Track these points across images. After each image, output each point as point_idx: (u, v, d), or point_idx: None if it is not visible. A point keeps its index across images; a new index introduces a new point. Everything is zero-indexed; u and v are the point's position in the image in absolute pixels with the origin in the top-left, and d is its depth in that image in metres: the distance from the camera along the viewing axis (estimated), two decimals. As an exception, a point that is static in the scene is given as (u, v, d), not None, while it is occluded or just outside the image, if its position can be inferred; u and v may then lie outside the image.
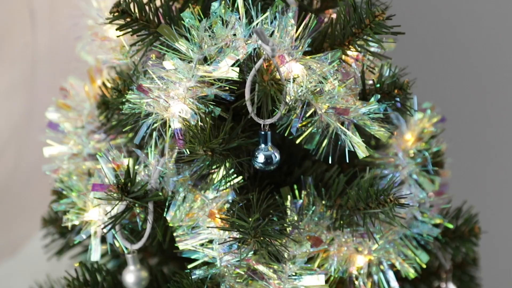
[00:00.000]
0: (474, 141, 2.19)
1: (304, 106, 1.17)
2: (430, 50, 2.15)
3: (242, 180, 1.22)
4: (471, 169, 2.16)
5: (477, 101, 2.17)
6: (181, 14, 1.17)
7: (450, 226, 1.33)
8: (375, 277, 1.27)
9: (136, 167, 1.22)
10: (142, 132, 1.19)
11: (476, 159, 2.20)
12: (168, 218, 1.21)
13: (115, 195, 1.18)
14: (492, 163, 2.23)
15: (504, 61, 2.13)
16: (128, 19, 1.20)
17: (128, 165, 1.20)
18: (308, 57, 1.15)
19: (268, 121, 1.17)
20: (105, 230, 1.22)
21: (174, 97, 1.15)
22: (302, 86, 1.14)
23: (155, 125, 1.17)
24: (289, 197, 1.23)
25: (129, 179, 1.18)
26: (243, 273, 1.21)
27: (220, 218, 1.20)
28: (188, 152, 1.17)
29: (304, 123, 1.18)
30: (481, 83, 2.17)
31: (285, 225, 1.20)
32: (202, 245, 1.21)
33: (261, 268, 1.21)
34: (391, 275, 1.28)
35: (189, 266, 1.23)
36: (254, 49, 1.16)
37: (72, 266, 1.34)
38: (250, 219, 1.14)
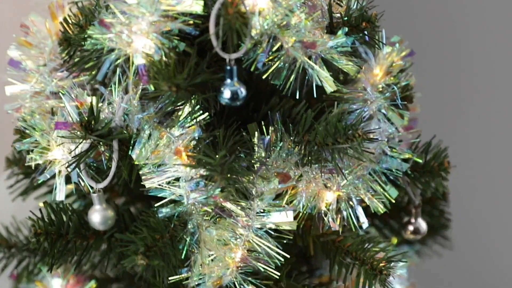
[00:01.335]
0: (443, 74, 2.18)
1: (270, 40, 1.15)
2: None
3: (209, 117, 1.20)
4: (440, 103, 2.15)
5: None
6: None
7: (420, 160, 1.32)
8: (344, 213, 1.27)
9: (100, 104, 1.20)
10: (105, 69, 1.17)
11: (444, 93, 2.20)
12: (134, 156, 1.19)
13: (78, 133, 1.16)
14: (461, 97, 2.22)
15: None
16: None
17: (91, 103, 1.18)
18: (274, -11, 1.13)
19: (234, 56, 1.14)
20: (69, 169, 1.21)
21: (137, 32, 1.13)
22: (268, 20, 1.12)
23: (118, 61, 1.15)
24: (256, 133, 1.22)
25: (92, 117, 1.16)
26: (210, 210, 1.20)
27: (187, 155, 1.18)
28: (153, 89, 1.15)
29: (270, 58, 1.16)
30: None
31: (252, 161, 1.19)
32: (168, 183, 1.20)
33: (228, 205, 1.20)
34: (360, 211, 1.28)
35: (156, 205, 1.21)
36: (219, -19, 1.13)
37: (38, 207, 1.33)
38: (216, 156, 1.12)
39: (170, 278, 1.23)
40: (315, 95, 1.19)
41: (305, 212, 1.25)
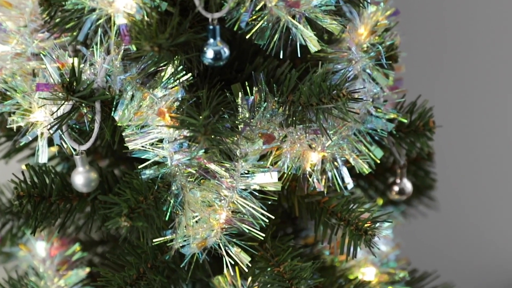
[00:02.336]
0: (428, 33, 2.17)
1: (254, -1, 1.14)
2: None
3: (192, 77, 1.19)
4: (425, 62, 2.14)
5: None
6: None
7: (404, 120, 1.31)
8: (329, 174, 1.26)
9: (82, 65, 1.18)
10: (86, 29, 1.15)
11: (429, 52, 2.19)
12: (116, 117, 1.18)
13: (60, 94, 1.15)
14: (446, 56, 2.22)
15: None
16: None
17: (73, 64, 1.16)
18: None
19: (217, 15, 1.13)
20: (51, 131, 1.19)
21: (118, -9, 1.11)
22: (250, -22, 1.11)
23: (100, 21, 1.14)
24: (240, 94, 1.21)
25: (74, 78, 1.15)
26: (194, 172, 1.20)
27: (170, 116, 1.17)
28: (135, 49, 1.13)
29: (253, 17, 1.15)
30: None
31: (236, 122, 1.18)
32: (152, 144, 1.19)
33: (212, 166, 1.20)
34: (345, 171, 1.27)
35: (140, 167, 1.20)
36: None
37: (20, 169, 1.32)
38: (200, 117, 1.11)
39: (154, 240, 1.23)
40: (299, 55, 1.18)
41: (289, 173, 1.24)
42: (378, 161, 1.28)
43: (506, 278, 2.46)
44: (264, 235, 1.23)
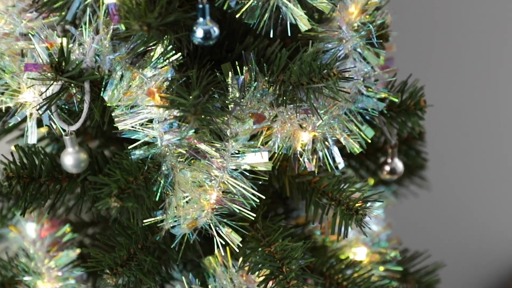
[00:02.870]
0: (419, 12, 2.17)
1: (243, -23, 1.13)
2: None
3: (181, 57, 1.18)
4: (416, 41, 2.14)
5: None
6: None
7: (395, 100, 1.31)
8: (320, 154, 1.26)
9: (71, 45, 1.17)
10: (74, 8, 1.14)
11: (420, 31, 2.18)
12: (106, 97, 1.18)
13: (49, 75, 1.14)
14: (437, 35, 2.21)
15: None
16: None
17: (61, 44, 1.15)
18: None
19: (206, -6, 1.12)
20: (40, 112, 1.19)
21: (106, -30, 1.10)
22: (240, -44, 1.10)
23: (88, 0, 1.13)
24: (230, 73, 1.20)
25: (63, 58, 1.14)
26: (184, 152, 1.19)
27: (160, 96, 1.16)
28: (124, 28, 1.12)
29: (244, -4, 1.14)
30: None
31: (226, 102, 1.18)
32: (142, 124, 1.18)
33: (203, 146, 1.19)
34: (336, 151, 1.27)
35: (129, 147, 1.20)
36: None
37: (10, 150, 1.31)
38: (190, 97, 1.10)
39: (144, 221, 1.23)
40: (289, 34, 1.17)
41: (280, 152, 1.24)
42: (369, 141, 1.28)
43: (496, 256, 2.47)
44: (255, 215, 1.22)
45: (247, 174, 1.22)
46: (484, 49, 2.24)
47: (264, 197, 1.22)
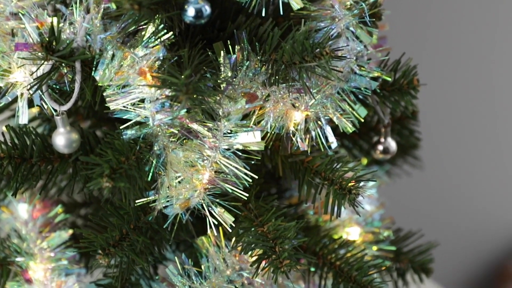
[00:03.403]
0: None
1: (235, -45, 1.12)
2: None
3: (173, 36, 1.17)
4: (409, 19, 2.13)
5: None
6: None
7: (388, 78, 1.30)
8: (313, 133, 1.25)
9: (61, 25, 1.17)
10: (65, -13, 1.13)
11: (414, 8, 2.18)
12: (97, 77, 1.17)
13: (39, 54, 1.13)
14: (431, 13, 2.21)
15: None
16: None
17: (52, 23, 1.14)
18: None
19: (198, -28, 1.11)
20: (31, 92, 1.18)
21: None
22: None
23: (78, -21, 1.12)
24: (222, 52, 1.19)
25: (53, 37, 1.13)
26: (176, 132, 1.19)
27: (151, 76, 1.16)
28: (115, 7, 1.12)
29: (235, -26, 1.13)
30: None
31: (218, 81, 1.17)
32: (133, 104, 1.18)
33: (195, 126, 1.18)
34: (329, 130, 1.26)
35: (121, 127, 1.19)
36: None
37: (0, 131, 1.30)
38: (182, 76, 1.10)
39: (137, 201, 1.22)
40: (281, 13, 1.16)
41: (273, 132, 1.23)
42: (362, 120, 1.27)
43: (489, 235, 2.47)
44: (247, 195, 1.22)
45: (240, 154, 1.21)
46: (478, 27, 2.24)
47: (256, 177, 1.22)
